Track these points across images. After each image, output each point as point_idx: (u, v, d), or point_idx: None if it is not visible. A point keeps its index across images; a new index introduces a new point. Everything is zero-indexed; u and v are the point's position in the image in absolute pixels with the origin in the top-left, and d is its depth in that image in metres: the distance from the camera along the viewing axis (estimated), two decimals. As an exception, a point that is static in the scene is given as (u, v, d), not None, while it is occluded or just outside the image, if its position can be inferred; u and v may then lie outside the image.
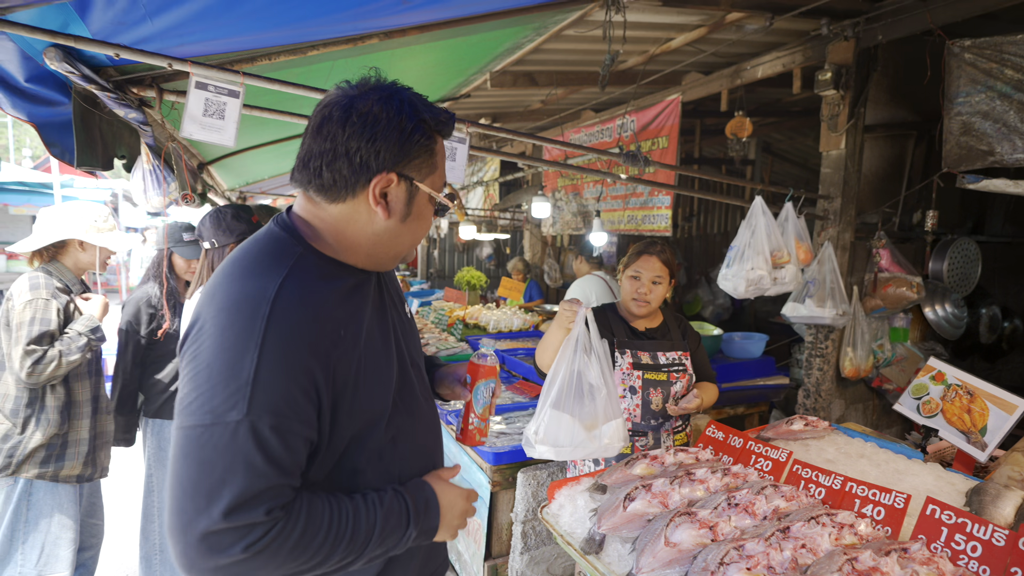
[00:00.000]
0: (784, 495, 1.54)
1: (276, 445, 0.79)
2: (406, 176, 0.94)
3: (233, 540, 0.75)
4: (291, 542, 0.80)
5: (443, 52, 2.61)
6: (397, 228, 0.97)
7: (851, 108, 3.04)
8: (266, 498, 0.78)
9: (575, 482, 1.78)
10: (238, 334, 0.80)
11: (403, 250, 1.02)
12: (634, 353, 2.07)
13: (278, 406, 0.79)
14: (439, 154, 0.99)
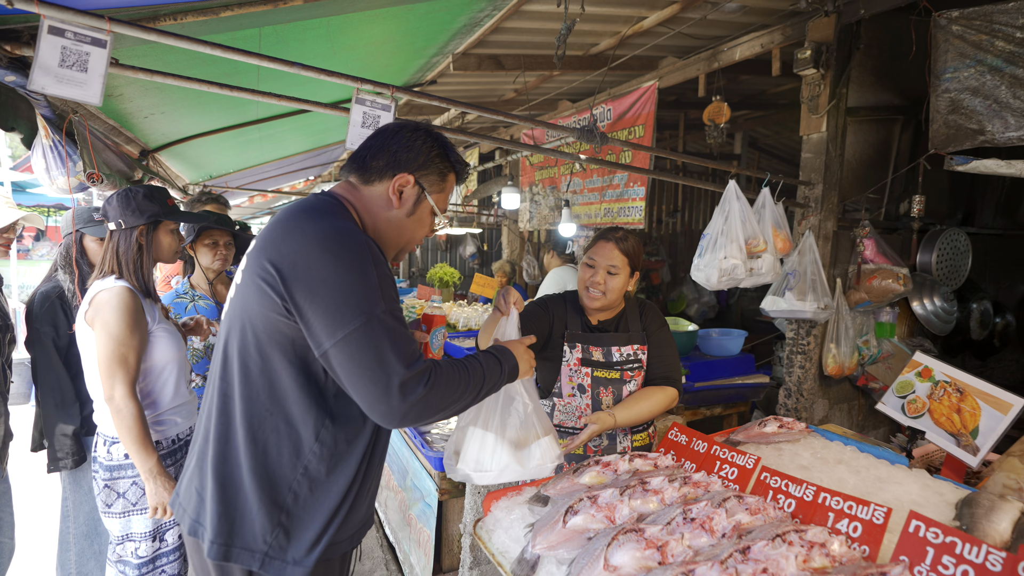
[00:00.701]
0: (748, 508, 1.34)
1: (403, 322, 1.14)
2: (420, 183, 1.27)
3: (417, 382, 1.08)
4: (444, 379, 1.13)
5: (389, 25, 2.40)
6: (402, 221, 1.27)
7: (832, 88, 2.86)
8: (418, 353, 1.12)
9: (516, 492, 1.57)
10: (356, 255, 1.10)
11: (402, 242, 1.30)
12: (585, 348, 1.88)
13: (393, 300, 1.14)
14: (448, 185, 1.32)
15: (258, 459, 1.16)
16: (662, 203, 7.36)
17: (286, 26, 2.08)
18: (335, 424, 1.18)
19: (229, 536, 1.18)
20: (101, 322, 1.67)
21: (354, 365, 1.06)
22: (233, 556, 1.18)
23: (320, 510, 1.19)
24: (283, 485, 1.17)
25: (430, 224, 1.33)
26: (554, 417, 1.91)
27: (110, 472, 1.74)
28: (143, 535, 1.76)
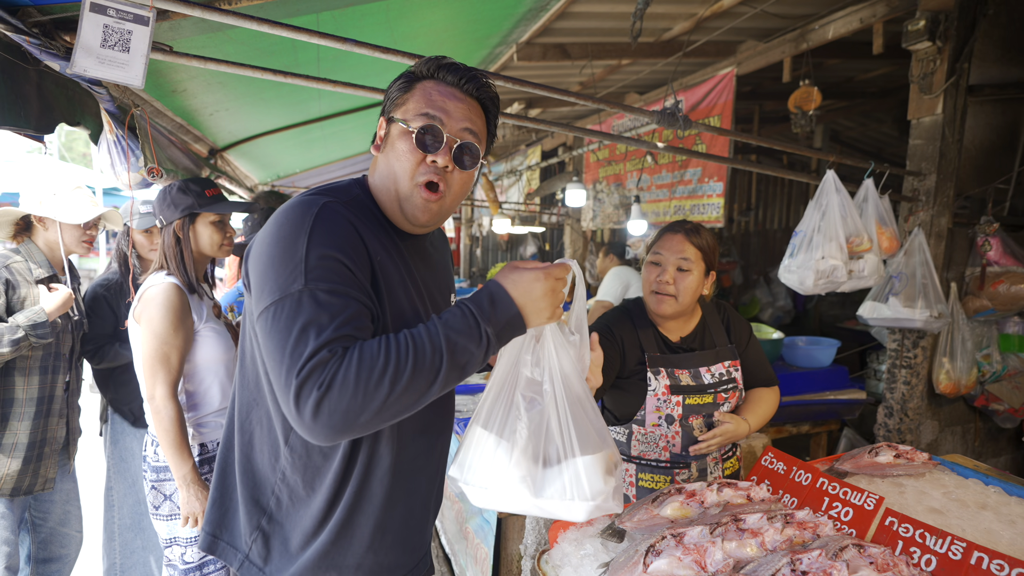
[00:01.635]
0: (874, 562, 1.10)
1: (335, 303, 0.86)
2: (388, 117, 1.05)
3: (312, 383, 0.81)
4: (353, 368, 0.81)
5: (450, 9, 2.27)
6: (381, 162, 1.05)
7: (951, 63, 2.48)
8: (334, 346, 0.83)
9: (587, 524, 1.39)
10: (294, 225, 0.91)
11: (392, 188, 1.02)
12: (671, 373, 1.59)
13: (326, 275, 0.88)
14: (417, 90, 1.03)
15: (244, 451, 1.07)
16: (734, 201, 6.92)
17: (344, 11, 1.99)
18: None
19: (218, 527, 1.11)
20: (146, 318, 1.63)
21: (267, 355, 0.88)
22: (218, 550, 1.10)
23: (297, 530, 1.02)
24: (266, 486, 1.05)
25: (409, 147, 1.00)
26: (632, 448, 1.63)
27: (157, 473, 1.71)
28: (188, 540, 1.71)
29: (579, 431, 0.98)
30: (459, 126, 1.01)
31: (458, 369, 0.86)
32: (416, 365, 0.82)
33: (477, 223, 9.29)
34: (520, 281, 0.90)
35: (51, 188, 2.01)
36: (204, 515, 1.12)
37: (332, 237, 0.91)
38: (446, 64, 1.04)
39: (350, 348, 0.83)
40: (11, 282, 1.88)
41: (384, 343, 0.84)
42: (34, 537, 2.03)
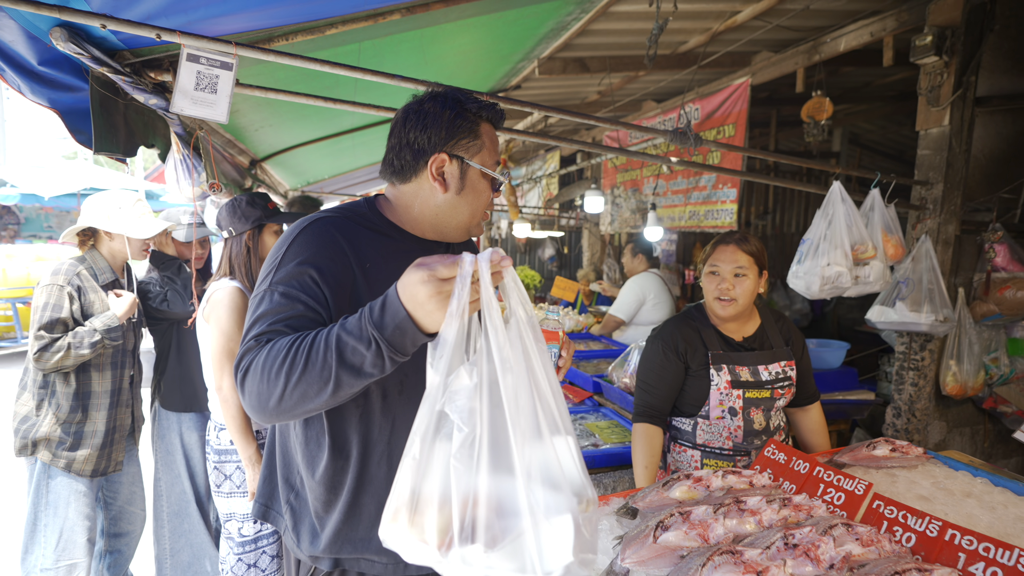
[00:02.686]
0: (859, 538, 1.24)
1: (282, 304, 1.00)
2: (456, 155, 1.14)
3: (240, 366, 0.95)
4: (263, 358, 0.91)
5: (478, 33, 2.45)
6: (454, 200, 1.17)
7: (958, 77, 2.57)
8: (262, 337, 0.96)
9: (603, 502, 1.55)
10: (281, 240, 1.10)
11: (464, 220, 1.19)
12: (732, 369, 1.78)
13: (288, 280, 1.02)
14: (485, 135, 1.17)
15: (281, 436, 1.23)
16: (751, 205, 6.98)
17: (382, 40, 2.18)
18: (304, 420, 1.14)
19: (268, 499, 1.27)
20: (215, 318, 1.84)
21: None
22: (270, 517, 1.27)
23: (313, 508, 1.17)
24: (293, 467, 1.20)
25: (488, 188, 1.18)
26: (697, 436, 1.82)
27: (219, 456, 1.91)
28: (244, 516, 1.91)
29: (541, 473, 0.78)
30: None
31: (352, 369, 0.86)
32: (308, 361, 0.87)
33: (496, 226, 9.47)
34: (408, 283, 0.82)
35: (116, 203, 2.23)
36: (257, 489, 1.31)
37: (306, 250, 1.04)
38: (493, 106, 1.19)
39: (271, 340, 0.93)
40: (82, 288, 2.11)
41: (292, 340, 0.91)
42: (106, 514, 2.26)
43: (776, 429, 1.82)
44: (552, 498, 0.78)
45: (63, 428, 2.00)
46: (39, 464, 2.00)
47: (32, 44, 1.39)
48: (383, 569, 1.19)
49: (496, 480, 0.75)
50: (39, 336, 1.93)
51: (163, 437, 2.43)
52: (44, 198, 9.88)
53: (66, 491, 2.01)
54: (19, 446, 1.99)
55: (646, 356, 1.88)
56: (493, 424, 0.77)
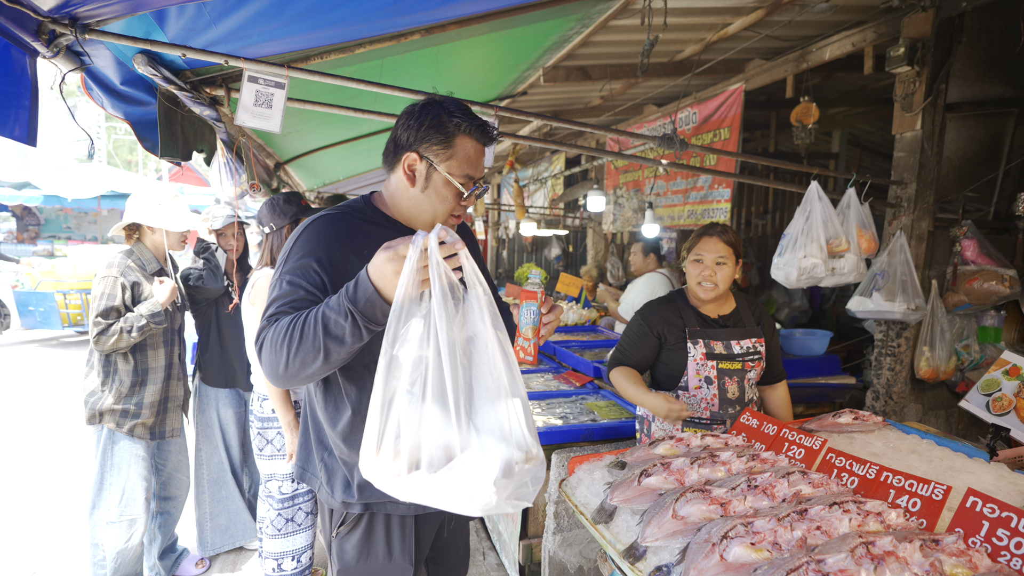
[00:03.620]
0: (812, 482, 1.47)
1: (288, 291, 1.19)
2: (425, 157, 1.27)
3: (260, 339, 1.15)
4: (274, 333, 1.12)
5: (489, 47, 2.71)
6: (420, 197, 1.30)
7: (929, 85, 2.80)
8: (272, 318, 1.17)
9: (597, 458, 1.79)
10: (291, 238, 1.30)
11: (427, 218, 1.32)
12: (707, 343, 2.02)
13: (294, 270, 1.22)
14: (459, 147, 1.28)
15: (311, 404, 1.39)
16: (751, 205, 7.19)
17: (403, 56, 2.44)
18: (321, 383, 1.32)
19: (305, 462, 1.43)
20: (260, 302, 2.10)
21: None
22: (306, 478, 1.42)
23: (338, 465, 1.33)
24: (322, 427, 1.35)
25: (453, 195, 1.28)
26: None
27: (261, 423, 2.17)
28: (284, 476, 2.17)
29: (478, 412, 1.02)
30: (481, 174, 1.33)
31: (336, 339, 1.07)
32: (303, 336, 1.08)
33: (504, 226, 9.73)
34: (375, 262, 1.05)
35: (156, 199, 2.48)
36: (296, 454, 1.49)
37: (309, 244, 1.23)
38: (480, 125, 1.28)
39: (279, 320, 1.14)
40: (132, 278, 2.37)
41: (292, 318, 1.11)
42: (157, 479, 2.53)
43: (750, 401, 2.06)
44: (489, 443, 0.99)
45: (125, 399, 2.27)
46: (105, 431, 2.27)
47: (118, 68, 1.65)
48: (406, 509, 1.36)
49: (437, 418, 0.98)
50: (96, 322, 2.20)
51: (203, 411, 2.70)
52: (67, 199, 10.26)
53: (128, 454, 2.28)
54: (88, 416, 2.26)
55: (629, 328, 2.14)
56: (436, 369, 0.99)
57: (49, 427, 4.71)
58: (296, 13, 1.68)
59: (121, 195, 11.16)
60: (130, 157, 27.79)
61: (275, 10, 1.62)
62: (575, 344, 3.82)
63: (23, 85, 1.29)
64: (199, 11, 1.55)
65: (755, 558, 1.17)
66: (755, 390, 2.10)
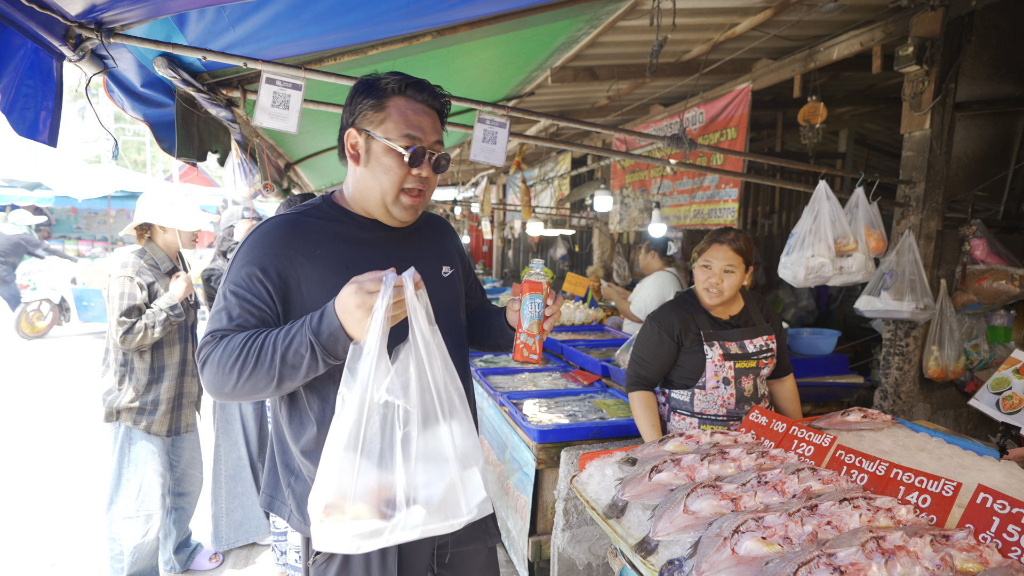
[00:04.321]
0: (821, 478, 1.49)
1: (232, 303, 1.14)
2: (362, 129, 1.18)
3: (200, 356, 1.11)
4: (219, 353, 1.08)
5: (498, 48, 2.73)
6: (365, 174, 1.20)
7: (938, 84, 2.80)
8: (216, 334, 1.12)
9: (607, 455, 1.81)
10: (239, 245, 1.21)
11: (376, 196, 1.20)
12: (722, 344, 2.04)
13: (237, 280, 1.15)
14: (391, 108, 1.17)
15: (275, 418, 1.29)
16: (758, 204, 7.18)
17: (414, 57, 2.47)
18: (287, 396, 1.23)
19: (273, 488, 1.30)
20: None
21: None
22: (275, 507, 1.29)
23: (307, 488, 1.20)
24: (287, 447, 1.24)
25: (397, 162, 1.16)
26: (695, 405, 2.07)
27: None
28: None
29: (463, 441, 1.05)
30: (432, 139, 1.19)
31: (292, 368, 1.04)
32: (258, 362, 1.04)
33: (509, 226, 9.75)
34: (342, 296, 1.01)
35: (168, 199, 2.51)
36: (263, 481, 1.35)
37: (253, 251, 1.15)
38: (413, 82, 1.18)
39: (225, 337, 1.09)
40: (147, 276, 2.40)
41: (243, 340, 1.06)
42: (171, 475, 2.57)
43: (762, 397, 2.08)
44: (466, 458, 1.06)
45: (141, 397, 2.31)
46: (122, 428, 2.31)
47: (139, 70, 1.69)
48: None
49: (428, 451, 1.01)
50: (121, 322, 2.23)
51: (224, 408, 2.74)
52: (78, 200, 10.36)
53: (144, 451, 2.32)
54: (106, 414, 2.30)
55: (643, 335, 2.14)
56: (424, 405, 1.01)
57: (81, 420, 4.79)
58: (312, 16, 1.71)
59: (130, 195, 11.26)
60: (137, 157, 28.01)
61: (292, 13, 1.65)
62: (582, 343, 3.84)
63: (49, 88, 1.33)
64: (219, 14, 1.58)
65: (766, 551, 1.19)
66: (765, 386, 2.11)
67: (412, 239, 1.32)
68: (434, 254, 1.37)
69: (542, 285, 1.24)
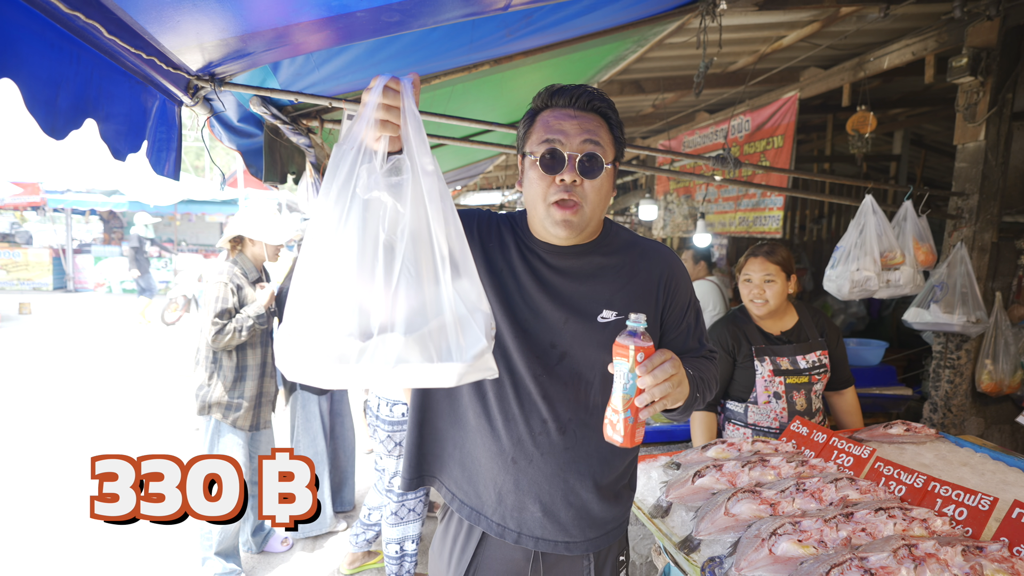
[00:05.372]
0: (859, 488, 1.57)
1: None
2: (520, 153, 1.18)
3: None
4: None
5: (548, 70, 2.88)
6: (525, 196, 1.17)
7: (994, 95, 2.77)
8: None
9: (652, 459, 1.93)
10: None
11: (532, 212, 1.17)
12: (772, 359, 2.09)
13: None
14: (537, 122, 1.14)
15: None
16: (806, 208, 7.05)
17: (472, 82, 2.65)
18: None
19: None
20: None
21: None
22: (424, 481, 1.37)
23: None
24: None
25: (538, 173, 1.10)
26: (748, 417, 2.14)
27: (391, 426, 2.44)
28: None
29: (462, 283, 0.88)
30: (578, 140, 1.08)
31: None
32: None
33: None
34: None
35: (258, 214, 2.78)
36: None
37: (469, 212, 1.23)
38: (556, 90, 1.14)
39: None
40: (239, 284, 2.68)
41: None
42: (251, 465, 2.84)
43: (816, 411, 2.14)
44: (465, 299, 0.88)
45: (228, 393, 2.59)
46: (213, 421, 2.60)
47: (237, 108, 1.93)
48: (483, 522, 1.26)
49: (419, 277, 0.85)
50: (214, 322, 2.51)
51: (304, 407, 3.01)
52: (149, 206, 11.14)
53: (231, 442, 2.60)
54: (199, 407, 2.59)
55: None
56: (416, 222, 0.85)
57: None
58: (386, 56, 1.90)
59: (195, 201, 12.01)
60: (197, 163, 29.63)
61: (368, 54, 1.85)
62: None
63: (173, 131, 1.56)
64: (307, 59, 1.79)
65: (801, 553, 1.29)
66: (821, 400, 2.17)
67: (582, 268, 1.20)
68: (604, 290, 1.19)
69: (628, 349, 0.91)
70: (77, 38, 1.11)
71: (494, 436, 1.21)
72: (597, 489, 1.24)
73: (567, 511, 1.23)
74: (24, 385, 5.79)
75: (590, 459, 1.22)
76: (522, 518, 1.23)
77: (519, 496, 1.22)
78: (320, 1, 1.29)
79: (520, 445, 1.20)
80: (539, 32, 2.07)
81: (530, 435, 1.19)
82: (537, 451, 1.20)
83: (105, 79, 1.20)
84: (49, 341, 8.02)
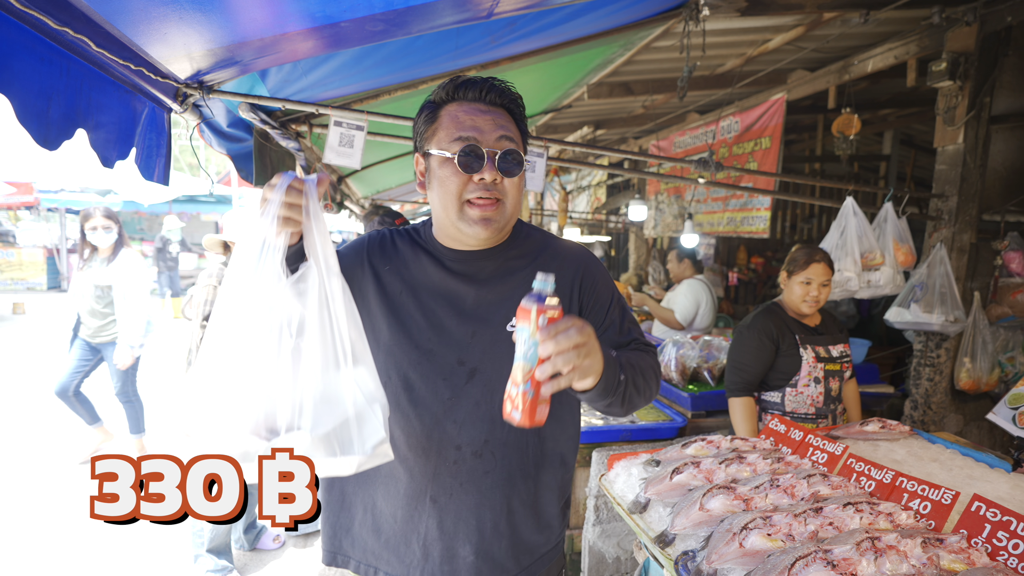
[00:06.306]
0: (831, 484, 1.62)
1: None
2: (422, 150, 1.07)
3: None
4: None
5: (537, 74, 2.92)
6: (431, 197, 1.08)
7: (972, 98, 2.83)
8: None
9: (634, 456, 1.98)
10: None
11: (441, 215, 1.07)
12: (814, 348, 2.27)
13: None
14: (443, 116, 1.04)
15: None
16: (797, 208, 7.12)
17: (459, 86, 2.68)
18: None
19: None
20: None
21: None
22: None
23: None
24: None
25: (451, 171, 1.01)
26: (785, 404, 2.27)
27: None
28: None
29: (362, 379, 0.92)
30: (494, 137, 1.01)
31: None
32: None
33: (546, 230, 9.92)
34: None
35: (244, 217, 2.83)
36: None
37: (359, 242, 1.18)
38: (462, 82, 1.05)
39: None
40: None
41: None
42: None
43: (839, 398, 2.30)
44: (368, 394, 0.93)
45: None
46: None
47: (227, 114, 1.96)
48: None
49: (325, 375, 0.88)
50: (203, 326, 2.54)
51: None
52: (144, 204, 11.13)
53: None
54: None
55: (741, 343, 2.32)
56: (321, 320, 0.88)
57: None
58: (373, 62, 1.94)
59: (188, 200, 12.01)
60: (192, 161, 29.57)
61: (355, 61, 1.89)
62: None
63: (162, 138, 1.60)
64: (294, 67, 1.83)
65: (769, 546, 1.34)
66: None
67: (497, 269, 1.12)
68: (514, 296, 1.02)
69: (530, 313, 0.83)
70: (67, 51, 1.14)
71: (408, 477, 1.12)
72: (526, 509, 1.17)
73: (499, 543, 1.15)
74: (19, 385, 5.81)
75: (513, 479, 1.14)
76: (454, 569, 1.13)
77: (446, 542, 1.13)
78: (306, 12, 1.33)
79: (437, 479, 1.10)
80: (523, 38, 2.11)
81: (445, 466, 1.10)
82: (455, 482, 1.11)
83: (95, 90, 1.24)
84: (43, 341, 8.03)
